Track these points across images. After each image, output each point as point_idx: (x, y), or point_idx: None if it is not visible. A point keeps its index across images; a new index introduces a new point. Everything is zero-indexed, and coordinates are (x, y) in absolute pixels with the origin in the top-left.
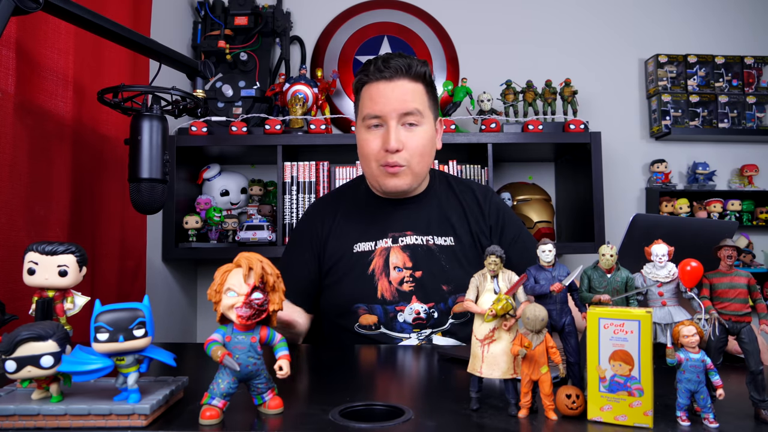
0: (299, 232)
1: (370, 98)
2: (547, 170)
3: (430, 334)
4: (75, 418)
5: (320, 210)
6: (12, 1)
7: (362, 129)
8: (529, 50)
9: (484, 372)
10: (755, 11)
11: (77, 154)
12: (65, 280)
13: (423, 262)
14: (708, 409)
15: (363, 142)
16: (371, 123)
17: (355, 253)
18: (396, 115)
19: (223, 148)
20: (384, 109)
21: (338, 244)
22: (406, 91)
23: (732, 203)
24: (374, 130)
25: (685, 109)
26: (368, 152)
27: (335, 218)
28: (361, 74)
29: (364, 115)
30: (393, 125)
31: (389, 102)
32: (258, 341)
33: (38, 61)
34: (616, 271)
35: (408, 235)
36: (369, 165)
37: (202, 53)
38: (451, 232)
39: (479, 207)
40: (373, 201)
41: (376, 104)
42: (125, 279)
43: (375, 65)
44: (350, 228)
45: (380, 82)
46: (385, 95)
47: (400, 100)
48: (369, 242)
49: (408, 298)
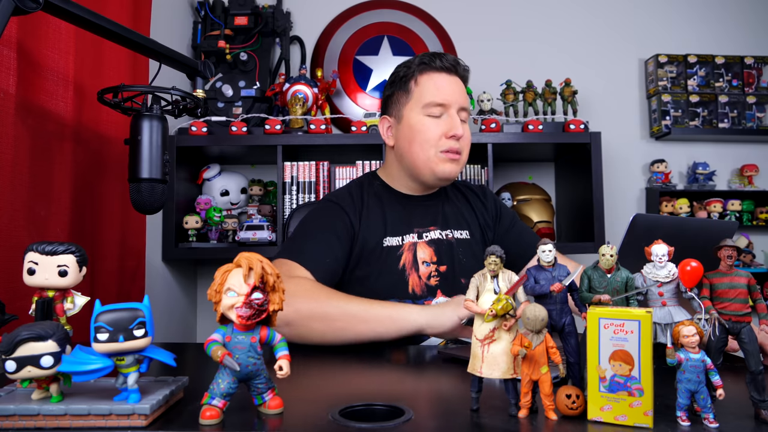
0: (330, 217)
1: (436, 86)
2: (547, 170)
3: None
4: (75, 418)
5: (349, 201)
6: (12, 1)
7: (420, 116)
8: (528, 50)
9: (484, 372)
10: (755, 11)
11: (77, 154)
12: (65, 280)
13: (446, 257)
14: (708, 409)
15: (423, 127)
16: (434, 111)
17: (384, 247)
18: (457, 107)
19: (223, 148)
20: (450, 98)
21: (369, 237)
22: (462, 88)
23: (732, 203)
24: (434, 118)
25: (685, 109)
26: (429, 137)
27: (362, 211)
28: (420, 63)
29: (427, 101)
30: (454, 114)
31: (453, 93)
32: (258, 341)
33: (39, 61)
34: (616, 271)
35: (432, 230)
36: (427, 150)
37: (202, 53)
38: (466, 226)
39: (481, 201)
40: (392, 197)
41: (443, 93)
42: (125, 279)
43: (438, 57)
44: (377, 222)
45: (442, 73)
46: (450, 86)
47: (460, 93)
48: (396, 237)
49: (434, 293)
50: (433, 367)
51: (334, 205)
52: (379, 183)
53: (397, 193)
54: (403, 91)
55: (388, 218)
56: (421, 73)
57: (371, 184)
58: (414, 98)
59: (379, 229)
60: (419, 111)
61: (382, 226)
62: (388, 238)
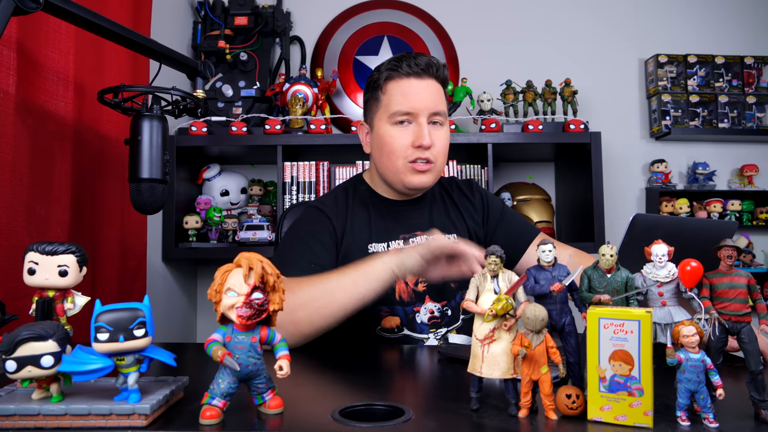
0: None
1: (402, 94)
2: (547, 170)
3: (445, 333)
4: (75, 418)
5: (333, 207)
6: (12, 1)
7: (387, 125)
8: (529, 50)
9: (484, 372)
10: (755, 11)
11: (78, 154)
12: (65, 280)
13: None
14: (708, 409)
15: (389, 138)
16: (400, 119)
17: (370, 253)
18: (427, 113)
19: (223, 148)
20: (417, 105)
21: (353, 242)
22: (435, 91)
23: (732, 203)
24: (401, 126)
25: (685, 109)
26: (396, 148)
27: (347, 217)
28: (387, 69)
29: (393, 110)
30: (423, 122)
31: (422, 99)
32: (258, 341)
33: (39, 61)
34: (616, 271)
35: (417, 236)
36: (394, 162)
37: (202, 53)
38: (453, 229)
39: (468, 200)
40: (378, 202)
41: (410, 100)
42: (125, 279)
43: (406, 61)
44: (362, 228)
45: (411, 78)
46: (418, 92)
47: (432, 98)
48: (382, 243)
49: (422, 299)
50: (433, 367)
51: (318, 212)
52: (364, 188)
53: (382, 199)
54: (374, 99)
55: (373, 224)
56: (387, 81)
57: (357, 189)
58: (382, 107)
59: (364, 234)
60: (386, 120)
61: (368, 232)
62: (373, 244)
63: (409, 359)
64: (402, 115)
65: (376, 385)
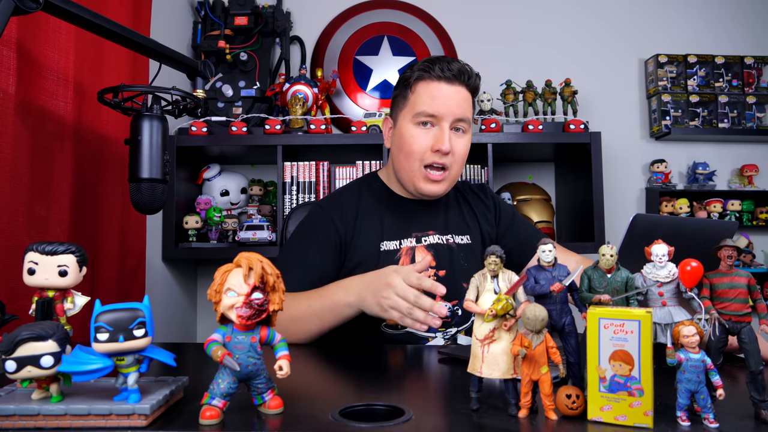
0: (314, 228)
1: (430, 96)
2: (547, 170)
3: (455, 334)
4: (75, 418)
5: (338, 207)
6: (12, 1)
7: (410, 124)
8: (528, 50)
9: (484, 372)
10: (755, 11)
11: (78, 154)
12: (65, 280)
13: (445, 261)
14: (708, 409)
15: (410, 137)
16: (423, 120)
17: (382, 251)
18: (452, 118)
19: (223, 148)
20: (442, 109)
21: (364, 242)
22: (463, 98)
23: (732, 203)
24: (424, 128)
25: (685, 109)
26: (415, 149)
27: (356, 216)
28: (419, 69)
29: (418, 111)
30: (446, 127)
31: (449, 104)
32: (258, 341)
33: (39, 61)
34: (616, 271)
35: (430, 235)
36: (411, 162)
37: (202, 53)
38: (467, 231)
39: (482, 201)
40: (392, 200)
41: (436, 103)
42: (125, 279)
43: (439, 64)
44: (374, 226)
45: (442, 82)
46: (447, 96)
47: (458, 104)
48: (394, 241)
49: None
50: (433, 367)
51: (320, 211)
52: (379, 185)
53: (396, 197)
54: (402, 96)
55: (385, 222)
56: (418, 81)
57: (371, 186)
58: (409, 105)
59: (376, 232)
60: (410, 119)
61: (380, 230)
62: (385, 242)
63: (409, 359)
64: (426, 116)
65: (376, 385)
